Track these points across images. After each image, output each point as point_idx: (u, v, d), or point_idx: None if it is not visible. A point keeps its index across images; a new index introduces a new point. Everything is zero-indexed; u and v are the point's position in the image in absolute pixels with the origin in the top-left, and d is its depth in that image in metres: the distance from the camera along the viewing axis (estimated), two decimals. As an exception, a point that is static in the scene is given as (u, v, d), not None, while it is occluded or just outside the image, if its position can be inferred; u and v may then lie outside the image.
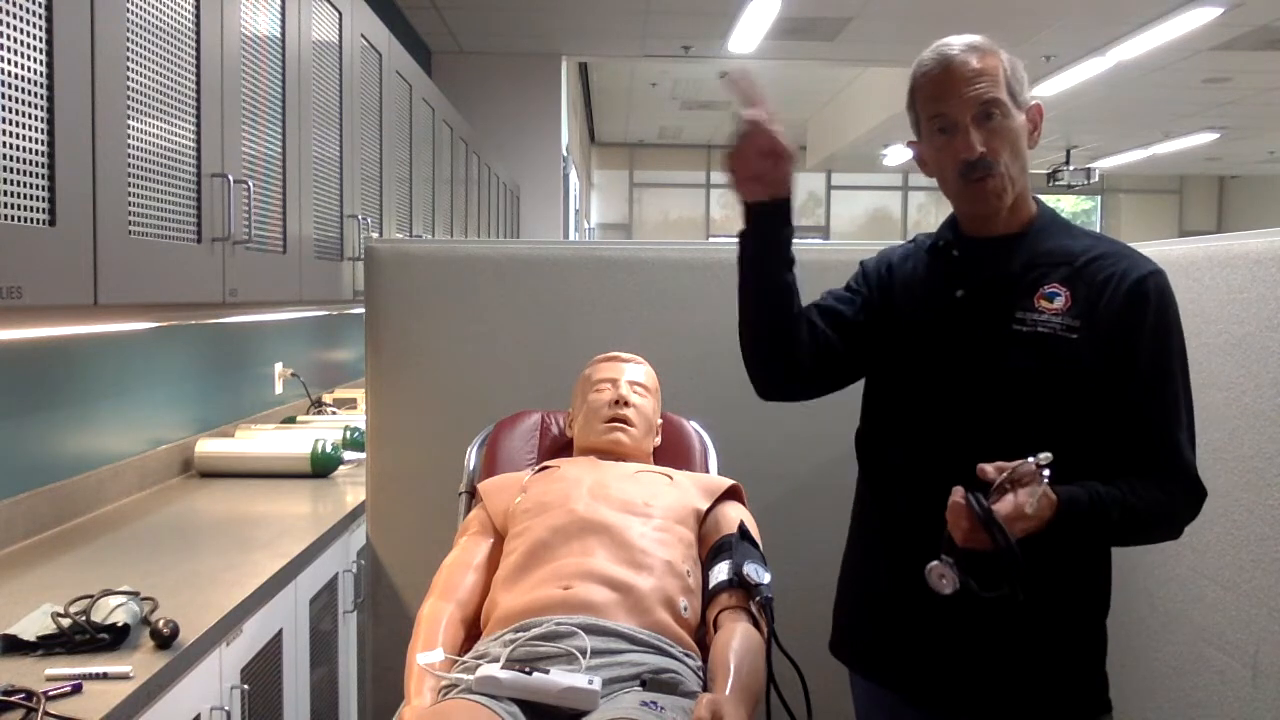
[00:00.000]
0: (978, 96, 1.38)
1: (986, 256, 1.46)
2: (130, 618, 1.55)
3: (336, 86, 2.75)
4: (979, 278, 1.46)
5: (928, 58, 1.42)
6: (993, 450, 1.36)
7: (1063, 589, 1.43)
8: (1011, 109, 1.39)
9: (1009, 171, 1.40)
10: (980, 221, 1.47)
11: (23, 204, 1.32)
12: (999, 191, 1.41)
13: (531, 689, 1.34)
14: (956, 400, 1.44)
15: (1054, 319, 1.39)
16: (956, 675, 1.45)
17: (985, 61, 1.39)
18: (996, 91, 1.38)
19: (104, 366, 2.39)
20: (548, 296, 2.34)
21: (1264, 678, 1.65)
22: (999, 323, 1.42)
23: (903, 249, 1.63)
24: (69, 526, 2.20)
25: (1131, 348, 1.37)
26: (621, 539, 1.59)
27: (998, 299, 1.43)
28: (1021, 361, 1.39)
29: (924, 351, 1.48)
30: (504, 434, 2.06)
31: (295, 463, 2.79)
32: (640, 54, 7.19)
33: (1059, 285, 1.40)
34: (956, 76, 1.39)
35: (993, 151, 1.39)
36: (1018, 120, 1.41)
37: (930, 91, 1.42)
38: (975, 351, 1.43)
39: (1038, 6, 5.82)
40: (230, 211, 1.95)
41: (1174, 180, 14.47)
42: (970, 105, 1.38)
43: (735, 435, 2.13)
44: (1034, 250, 1.44)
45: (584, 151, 11.12)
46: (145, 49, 1.65)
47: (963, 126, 1.39)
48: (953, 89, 1.39)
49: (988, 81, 1.38)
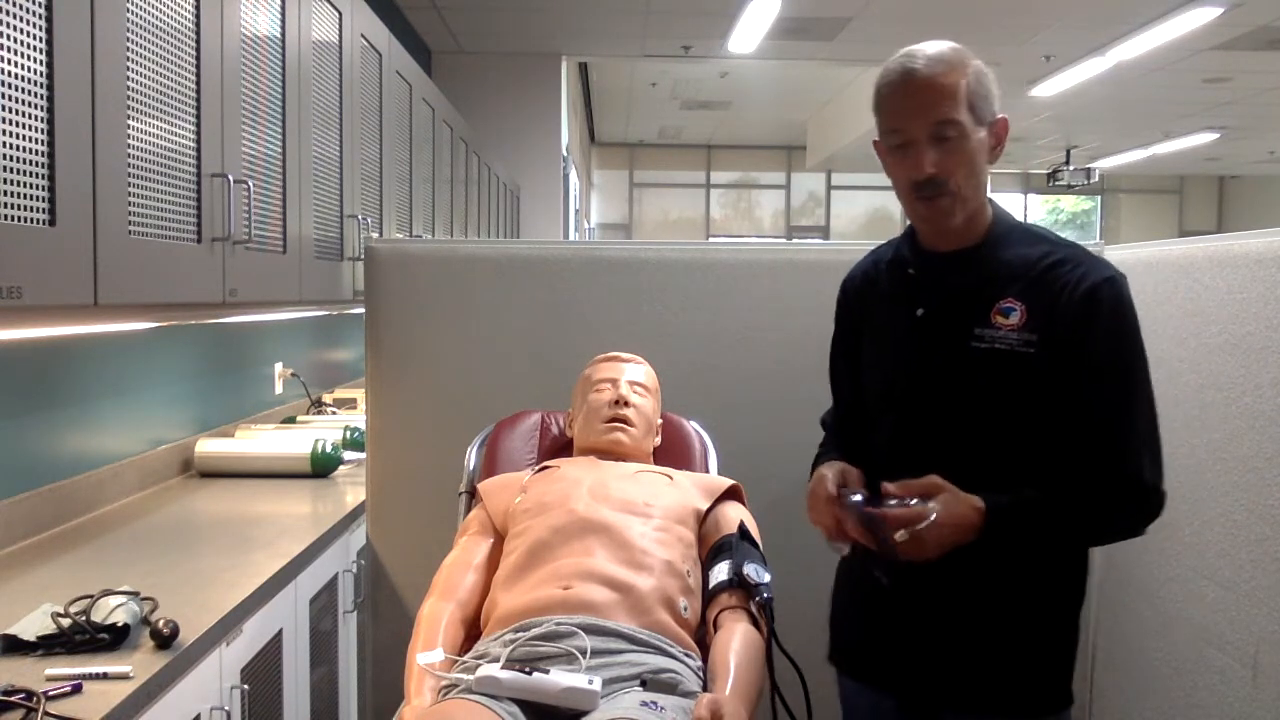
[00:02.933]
0: (933, 116, 1.36)
1: (944, 272, 1.46)
2: (130, 618, 1.55)
3: (336, 86, 2.75)
4: (937, 296, 1.46)
5: (890, 68, 1.41)
6: (957, 466, 1.39)
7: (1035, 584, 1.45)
8: (969, 127, 1.37)
9: (961, 190, 1.39)
10: (935, 236, 1.48)
11: (23, 204, 1.32)
12: (948, 211, 1.41)
13: (531, 689, 1.34)
14: (920, 419, 1.46)
15: (1010, 335, 1.39)
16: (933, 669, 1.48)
17: (946, 78, 1.37)
18: (953, 111, 1.36)
19: (104, 366, 2.39)
20: (548, 296, 2.34)
21: (1264, 678, 1.65)
22: (958, 341, 1.42)
23: (863, 267, 1.64)
24: (69, 526, 2.20)
25: (1083, 353, 1.37)
26: (621, 539, 1.59)
27: (956, 316, 1.43)
28: (980, 380, 1.40)
29: (890, 371, 1.50)
30: (504, 434, 2.06)
31: (295, 463, 2.79)
32: (640, 54, 7.20)
33: (1015, 300, 1.40)
34: (913, 93, 1.37)
35: (944, 171, 1.38)
36: (975, 138, 1.38)
37: (888, 105, 1.41)
38: (936, 371, 1.45)
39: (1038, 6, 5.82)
40: (230, 211, 1.95)
41: (1174, 180, 14.47)
42: (925, 124, 1.37)
43: (735, 435, 2.14)
44: (990, 263, 1.44)
45: (584, 151, 11.12)
46: (145, 49, 1.65)
47: (916, 144, 1.38)
48: (908, 106, 1.38)
49: (945, 100, 1.36)
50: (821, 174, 13.60)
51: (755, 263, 2.35)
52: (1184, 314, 1.89)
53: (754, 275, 2.34)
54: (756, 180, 14.02)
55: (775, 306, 2.33)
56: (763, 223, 14.06)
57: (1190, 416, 1.86)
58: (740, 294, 2.33)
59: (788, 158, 13.70)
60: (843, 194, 14.02)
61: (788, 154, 13.64)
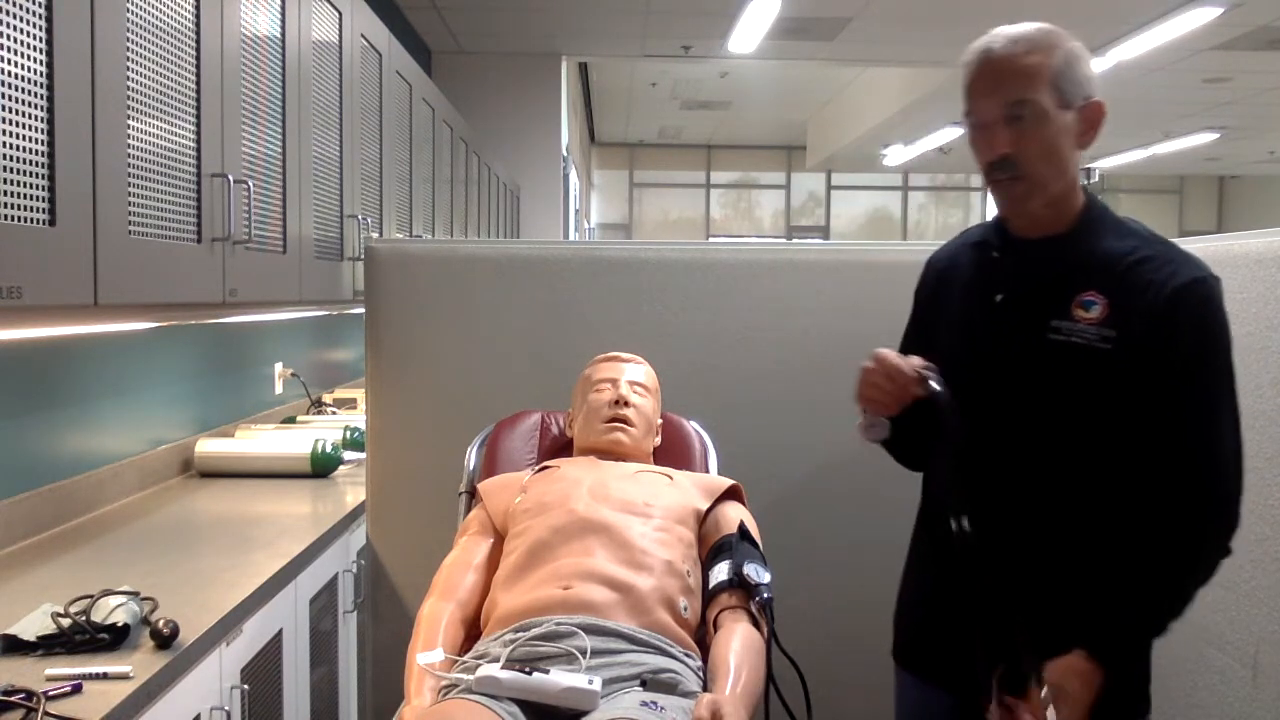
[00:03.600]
0: (1006, 96, 1.34)
1: (1027, 259, 1.43)
2: (130, 618, 1.55)
3: (336, 86, 2.75)
4: (1018, 283, 1.43)
5: (973, 48, 1.38)
6: (1026, 460, 1.37)
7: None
8: (1050, 109, 1.34)
9: (1037, 174, 1.36)
10: (1018, 222, 1.44)
11: (23, 204, 1.32)
12: (1022, 195, 1.38)
13: (531, 689, 1.34)
14: (993, 408, 1.42)
15: (1089, 330, 1.35)
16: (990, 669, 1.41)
17: (1025, 59, 1.33)
18: (1031, 91, 1.33)
19: (104, 366, 2.39)
20: (548, 296, 2.34)
21: (1264, 678, 1.65)
22: (1035, 331, 1.39)
23: (950, 247, 1.60)
24: (69, 526, 2.20)
25: (1166, 356, 1.32)
26: (621, 539, 1.59)
27: (1035, 306, 1.40)
28: (1053, 373, 1.37)
29: (965, 356, 1.46)
30: (504, 434, 2.06)
31: (295, 463, 2.79)
32: (640, 54, 7.19)
33: (1097, 293, 1.36)
34: (991, 72, 1.35)
35: (1019, 153, 1.34)
36: (1058, 121, 1.34)
37: (967, 84, 1.38)
38: (1011, 361, 1.41)
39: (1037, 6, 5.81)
40: (230, 211, 1.95)
41: (1174, 180, 14.47)
42: (998, 105, 1.35)
43: (735, 435, 2.14)
44: (1076, 253, 1.40)
45: (584, 151, 11.12)
46: (145, 49, 1.65)
47: (990, 124, 1.36)
48: (985, 85, 1.36)
49: (1023, 80, 1.33)
50: (821, 174, 13.61)
51: (755, 263, 2.35)
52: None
53: (754, 275, 2.34)
54: (756, 180, 14.02)
55: (775, 306, 2.33)
56: (763, 223, 14.06)
57: (1190, 416, 1.86)
58: (740, 294, 2.33)
59: (788, 158, 13.71)
60: (843, 194, 14.03)
61: (788, 154, 13.64)
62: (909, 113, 8.97)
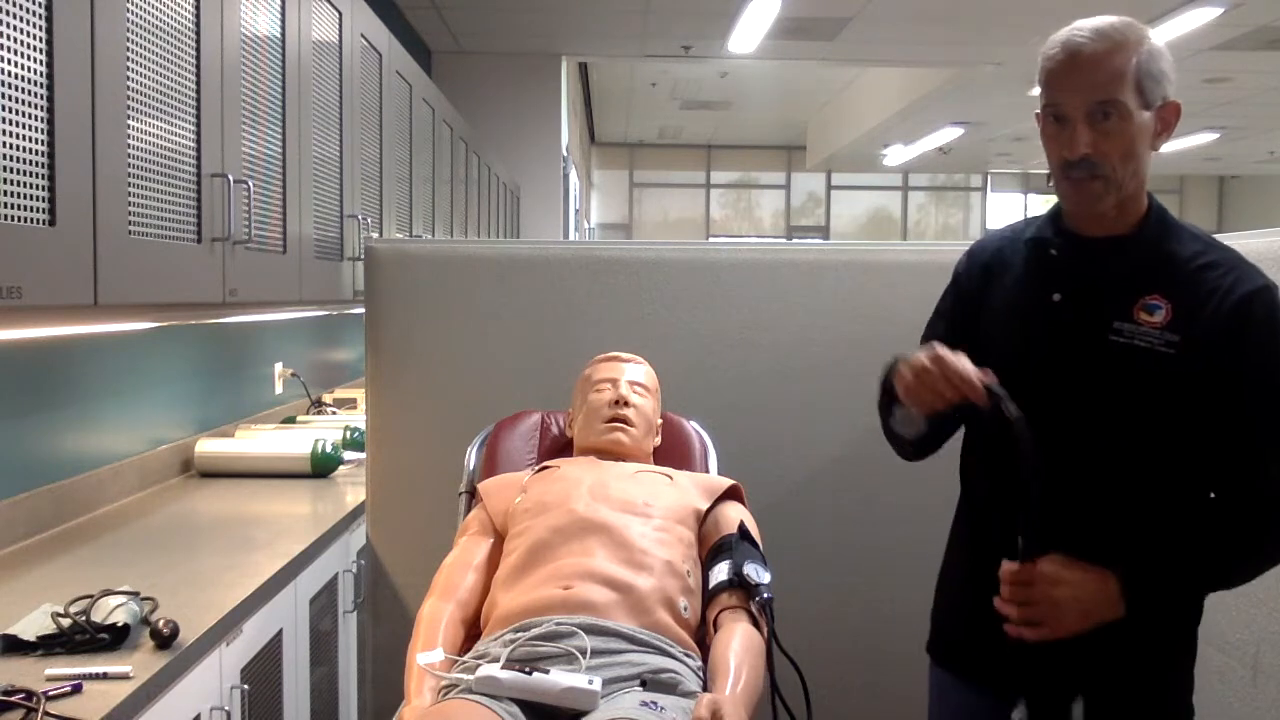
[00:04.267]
0: (1093, 96, 1.31)
1: (1087, 258, 1.39)
2: (130, 618, 1.55)
3: (336, 86, 2.75)
4: (1078, 282, 1.39)
5: (1056, 40, 1.35)
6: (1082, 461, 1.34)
7: None
8: (1133, 109, 1.30)
9: (1115, 175, 1.33)
10: (1082, 219, 1.41)
11: (23, 204, 1.32)
12: (1099, 194, 1.34)
13: (531, 689, 1.34)
14: (1047, 410, 1.37)
15: (1152, 333, 1.32)
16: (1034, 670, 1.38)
17: (1114, 57, 1.30)
18: (1117, 91, 1.29)
19: (104, 366, 2.39)
20: (548, 296, 2.34)
21: (1264, 678, 1.65)
22: (1095, 332, 1.35)
23: (997, 240, 1.55)
24: (69, 526, 2.20)
25: (1234, 368, 1.30)
26: (621, 539, 1.59)
27: (1096, 307, 1.36)
28: (1114, 377, 1.34)
29: (1017, 355, 1.42)
30: (504, 434, 2.06)
31: (295, 463, 2.79)
32: (640, 54, 7.20)
33: (1160, 297, 1.33)
34: (1077, 68, 1.32)
35: (1100, 153, 1.32)
36: (1139, 121, 1.31)
37: (1049, 78, 1.35)
38: (1068, 362, 1.38)
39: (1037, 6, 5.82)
40: (230, 211, 1.95)
41: (1174, 180, 14.48)
42: (1084, 102, 1.31)
43: (735, 435, 2.14)
44: (1138, 255, 1.37)
45: (584, 151, 11.12)
46: (145, 49, 1.65)
47: (1073, 122, 1.33)
48: (1070, 81, 1.32)
49: (1109, 80, 1.29)
50: (821, 174, 13.62)
51: (755, 263, 2.35)
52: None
53: (754, 275, 2.34)
54: (756, 180, 14.03)
55: (775, 306, 2.33)
56: (763, 223, 14.07)
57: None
58: (740, 294, 2.33)
59: (788, 158, 13.71)
60: (842, 194, 14.03)
61: (788, 154, 13.64)
62: (909, 113, 8.97)
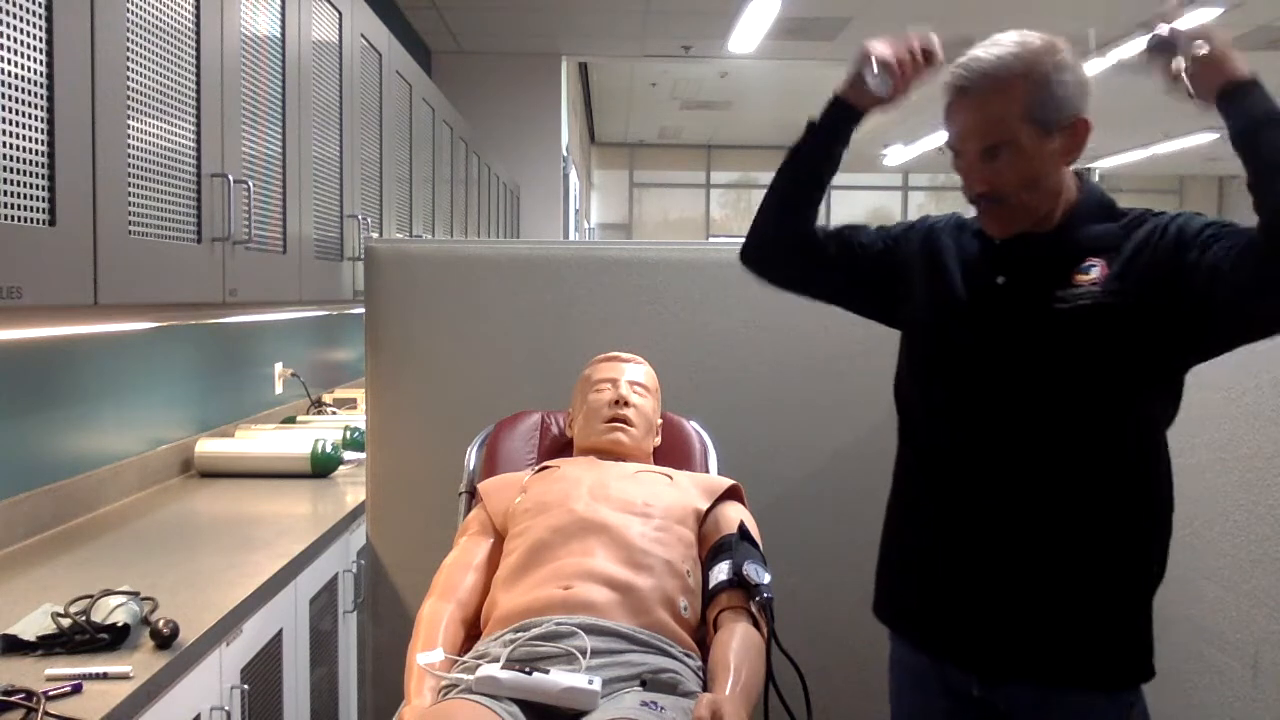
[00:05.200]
0: (982, 140, 1.34)
1: (1028, 244, 1.42)
2: (130, 618, 1.55)
3: (336, 86, 2.75)
4: (1020, 266, 1.42)
5: (950, 74, 1.38)
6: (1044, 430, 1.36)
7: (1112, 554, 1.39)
8: (1027, 143, 1.33)
9: (1020, 200, 1.36)
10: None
11: (23, 204, 1.32)
12: (1008, 219, 1.39)
13: (531, 689, 1.34)
14: (1003, 382, 1.41)
15: (1093, 290, 1.35)
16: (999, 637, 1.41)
17: (998, 98, 1.32)
18: (1004, 132, 1.33)
19: (104, 366, 2.39)
20: (548, 296, 2.34)
21: (1264, 678, 1.65)
22: (1040, 306, 1.38)
23: (946, 222, 1.58)
24: (69, 526, 2.20)
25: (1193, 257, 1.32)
26: (621, 539, 1.59)
27: (1037, 285, 1.39)
28: (1067, 337, 1.36)
29: (966, 333, 1.45)
30: (504, 434, 2.06)
31: (295, 463, 2.79)
32: (640, 54, 7.19)
33: (1094, 257, 1.36)
34: (963, 110, 1.35)
35: (998, 187, 1.36)
36: (1039, 149, 1.34)
37: (945, 114, 1.39)
38: (1018, 335, 1.40)
39: (1037, 6, 5.82)
40: (230, 211, 1.95)
41: (1174, 180, 14.47)
42: (974, 145, 1.35)
43: (735, 435, 2.14)
44: (1075, 238, 1.40)
45: (584, 151, 11.12)
46: (145, 49, 1.65)
47: (968, 158, 1.37)
48: (957, 122, 1.36)
49: (994, 121, 1.33)
50: (821, 174, 13.59)
51: (755, 263, 2.34)
52: (1184, 314, 1.88)
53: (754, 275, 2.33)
54: (756, 180, 14.02)
55: (775, 306, 2.32)
56: (763, 223, 14.05)
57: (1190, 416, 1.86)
58: (740, 294, 2.33)
59: (788, 158, 13.69)
60: (842, 194, 14.02)
61: (788, 154, 13.63)
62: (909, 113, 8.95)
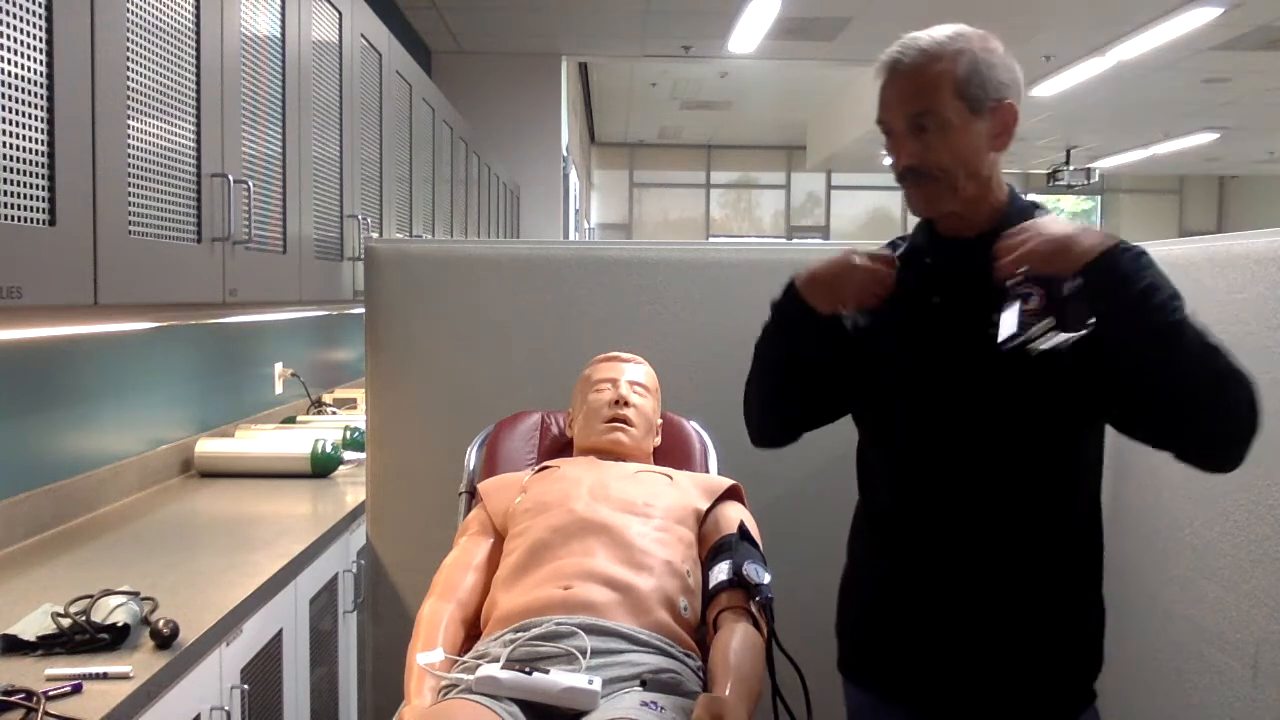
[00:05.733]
0: (910, 107, 1.36)
1: (961, 261, 1.43)
2: (130, 618, 1.55)
3: (336, 86, 2.75)
4: (954, 284, 1.44)
5: (882, 57, 1.40)
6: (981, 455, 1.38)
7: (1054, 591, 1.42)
8: (954, 117, 1.34)
9: (946, 178, 1.37)
10: (944, 224, 1.46)
11: (23, 204, 1.32)
12: (933, 198, 1.40)
13: (531, 689, 1.34)
14: (942, 408, 1.43)
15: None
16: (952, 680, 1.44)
17: (930, 69, 1.34)
18: (933, 101, 1.34)
19: (104, 366, 2.39)
20: (548, 296, 2.34)
21: (1264, 678, 1.65)
22: (976, 329, 1.39)
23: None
24: (69, 526, 2.20)
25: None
26: (621, 539, 1.59)
27: (973, 305, 1.40)
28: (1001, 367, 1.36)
29: (906, 359, 1.47)
30: (504, 434, 2.06)
31: (295, 463, 2.79)
32: (640, 54, 7.19)
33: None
34: (895, 83, 1.37)
35: (927, 162, 1.36)
36: (967, 127, 1.35)
37: (878, 97, 1.41)
38: (955, 360, 1.42)
39: (1038, 6, 5.82)
40: (230, 211, 1.95)
41: (1174, 180, 14.47)
42: (904, 115, 1.37)
43: (735, 435, 2.12)
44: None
45: (584, 151, 11.12)
46: (145, 49, 1.65)
47: (896, 134, 1.39)
48: (889, 96, 1.38)
49: (925, 91, 1.35)
50: (821, 174, 13.60)
51: (755, 263, 2.35)
52: (1184, 314, 1.88)
53: (754, 275, 2.33)
54: (756, 180, 14.02)
55: (775, 306, 2.32)
56: (763, 223, 14.06)
57: (1190, 416, 1.86)
58: (740, 294, 2.33)
59: (788, 158, 13.70)
60: (843, 194, 14.02)
61: (788, 154, 13.64)
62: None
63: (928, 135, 1.36)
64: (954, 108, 1.35)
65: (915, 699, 1.48)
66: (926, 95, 1.35)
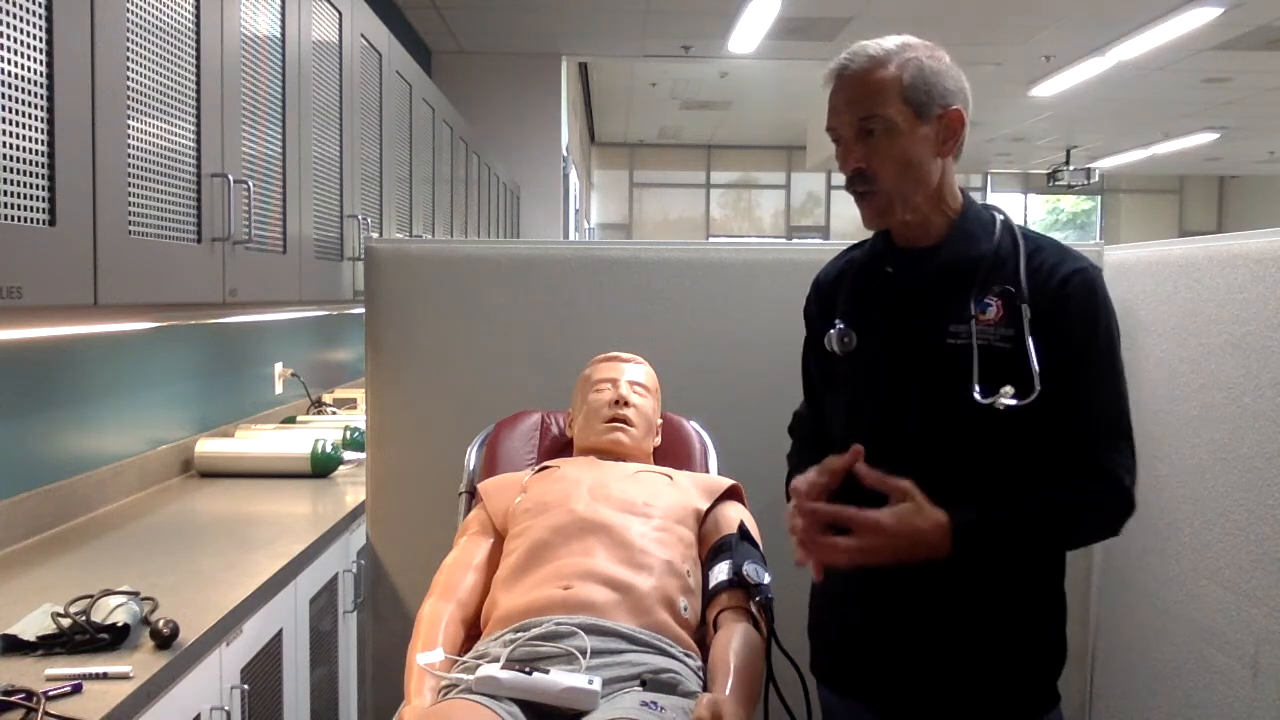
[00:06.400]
0: (856, 112, 1.37)
1: (919, 269, 1.44)
2: (130, 618, 1.55)
3: (336, 86, 2.75)
4: (913, 293, 1.44)
5: (830, 65, 1.42)
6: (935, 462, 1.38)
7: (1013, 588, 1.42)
8: (900, 122, 1.36)
9: (894, 187, 1.38)
10: (897, 233, 1.46)
11: (23, 204, 1.32)
12: (882, 207, 1.40)
13: (531, 689, 1.34)
14: (896, 412, 1.43)
15: (986, 330, 1.37)
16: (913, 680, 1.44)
17: (874, 74, 1.36)
18: (878, 106, 1.36)
19: (104, 366, 2.39)
20: (548, 296, 2.34)
21: (1264, 678, 1.65)
22: (933, 336, 1.40)
23: (834, 267, 1.60)
24: (69, 526, 2.20)
25: (1052, 348, 1.35)
26: (621, 539, 1.59)
27: (930, 311, 1.41)
28: (955, 377, 1.37)
29: (864, 362, 1.47)
30: (504, 434, 2.06)
31: (295, 463, 2.79)
32: (640, 54, 7.19)
33: (991, 295, 1.38)
34: (841, 89, 1.39)
35: (873, 168, 1.37)
36: (912, 133, 1.36)
37: (828, 102, 1.42)
38: (911, 366, 1.42)
39: (1038, 6, 5.82)
40: (230, 211, 1.95)
41: (1174, 180, 14.47)
42: (851, 120, 1.38)
43: (735, 435, 2.13)
44: (959, 258, 1.41)
45: (584, 151, 11.12)
46: (145, 49, 1.65)
47: (845, 140, 1.40)
48: (837, 102, 1.40)
49: (872, 96, 1.36)
50: (821, 174, 13.60)
51: (755, 263, 2.35)
52: (1184, 314, 1.89)
53: (754, 275, 2.34)
54: (756, 180, 14.02)
55: (775, 306, 2.32)
56: (763, 223, 14.06)
57: (1191, 416, 1.86)
58: (740, 294, 2.33)
59: (788, 158, 13.70)
60: (843, 194, 13.89)
61: (788, 154, 13.64)
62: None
63: (874, 140, 1.37)
64: (901, 112, 1.36)
65: (878, 700, 1.48)
66: (873, 100, 1.36)
